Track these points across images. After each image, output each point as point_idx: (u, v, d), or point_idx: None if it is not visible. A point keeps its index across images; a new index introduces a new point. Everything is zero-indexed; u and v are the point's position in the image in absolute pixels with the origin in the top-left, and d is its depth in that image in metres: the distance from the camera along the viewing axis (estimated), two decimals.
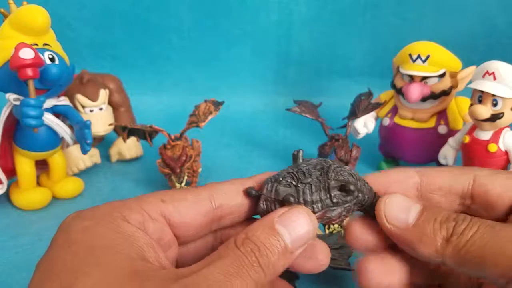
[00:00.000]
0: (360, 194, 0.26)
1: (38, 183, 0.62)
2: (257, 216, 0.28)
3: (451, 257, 0.24)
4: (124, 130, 0.61)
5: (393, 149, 0.66)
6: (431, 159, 0.65)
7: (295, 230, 0.24)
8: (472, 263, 0.23)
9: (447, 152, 0.60)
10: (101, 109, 0.68)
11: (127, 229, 0.23)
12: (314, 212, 0.26)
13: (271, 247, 0.23)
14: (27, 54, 0.49)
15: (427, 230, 0.24)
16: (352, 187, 0.25)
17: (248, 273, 0.22)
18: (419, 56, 0.60)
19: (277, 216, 0.24)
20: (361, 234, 0.28)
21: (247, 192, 0.28)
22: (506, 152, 0.55)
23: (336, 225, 0.49)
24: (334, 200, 0.26)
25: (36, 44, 0.54)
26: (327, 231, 0.50)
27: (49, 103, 0.57)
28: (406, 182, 0.29)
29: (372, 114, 0.67)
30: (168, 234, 0.26)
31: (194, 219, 0.26)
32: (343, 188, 0.26)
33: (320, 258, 0.27)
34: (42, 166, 0.62)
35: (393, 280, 0.28)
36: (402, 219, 0.25)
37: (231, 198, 0.27)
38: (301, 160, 0.28)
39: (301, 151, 0.28)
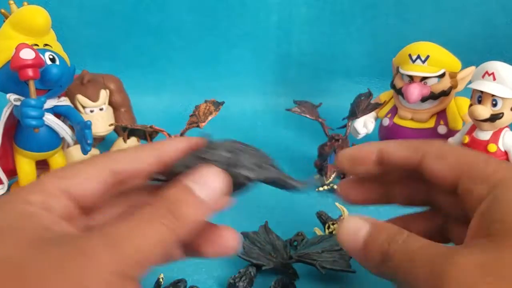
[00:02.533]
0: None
1: None
2: None
3: (388, 272, 0.26)
4: (125, 130, 0.61)
5: None
6: None
7: (205, 182, 0.26)
8: (399, 281, 0.26)
9: None
10: (101, 109, 0.69)
11: (28, 209, 0.24)
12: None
13: (182, 199, 0.24)
14: (27, 54, 0.50)
15: (371, 251, 0.27)
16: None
17: (161, 222, 0.23)
18: (418, 57, 0.60)
19: (186, 176, 0.26)
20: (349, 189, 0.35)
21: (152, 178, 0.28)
22: (506, 152, 0.55)
23: (336, 226, 0.49)
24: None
25: (36, 45, 0.54)
26: (327, 231, 0.50)
27: (50, 103, 0.57)
28: (367, 158, 0.32)
29: (372, 114, 0.67)
30: (71, 207, 0.26)
31: (94, 190, 0.26)
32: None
33: (226, 241, 0.29)
34: (42, 166, 0.62)
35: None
36: (353, 240, 0.28)
37: (130, 165, 0.28)
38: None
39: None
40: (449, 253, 0.24)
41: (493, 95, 0.52)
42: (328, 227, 0.50)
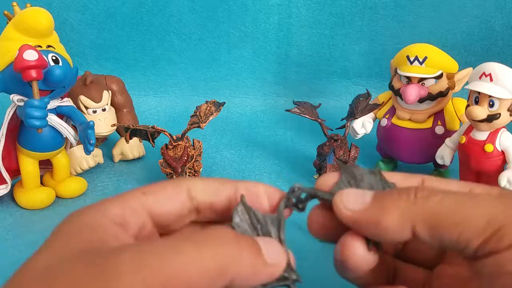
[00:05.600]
0: None
1: (42, 183, 0.62)
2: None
3: (421, 218, 0.23)
4: (127, 131, 0.62)
5: (391, 149, 0.67)
6: (428, 159, 0.65)
7: (272, 247, 0.24)
8: (445, 224, 0.23)
9: (444, 152, 0.61)
10: (104, 110, 0.69)
11: (100, 221, 0.24)
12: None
13: (248, 249, 0.23)
14: (31, 55, 0.50)
15: (388, 200, 0.24)
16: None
17: (211, 255, 0.22)
18: (416, 58, 0.61)
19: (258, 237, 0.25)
20: (321, 220, 0.27)
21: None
22: (503, 152, 0.55)
23: None
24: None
25: (40, 46, 0.55)
26: None
27: (53, 104, 0.57)
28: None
29: (370, 115, 0.68)
30: (148, 224, 0.26)
31: (172, 209, 0.27)
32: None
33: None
34: (45, 166, 0.63)
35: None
36: (358, 202, 0.25)
37: (207, 194, 0.27)
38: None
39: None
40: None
41: (490, 96, 0.52)
42: None
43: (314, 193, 0.27)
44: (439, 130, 0.63)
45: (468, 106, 0.55)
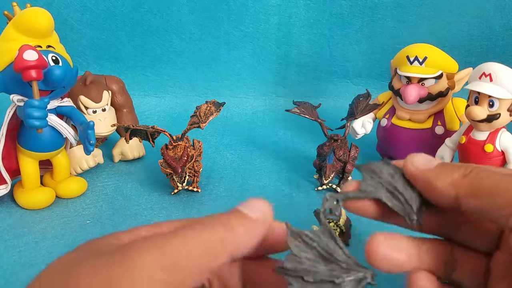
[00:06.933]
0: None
1: (42, 183, 0.62)
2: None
3: (466, 188, 0.27)
4: (127, 131, 0.62)
5: (391, 149, 0.67)
6: None
7: (254, 206, 0.27)
8: (483, 194, 0.26)
9: (444, 153, 0.61)
10: (104, 110, 0.69)
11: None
12: None
13: (234, 217, 0.25)
14: (31, 56, 0.50)
15: (446, 169, 0.28)
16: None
17: (211, 235, 0.24)
18: (416, 58, 0.61)
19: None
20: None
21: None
22: (503, 152, 0.55)
23: (332, 224, 0.50)
24: None
25: (39, 46, 0.55)
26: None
27: (53, 104, 0.57)
28: None
29: (370, 115, 0.68)
30: None
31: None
32: None
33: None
34: (45, 166, 0.63)
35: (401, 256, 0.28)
36: (426, 164, 0.29)
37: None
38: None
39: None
40: None
41: (490, 96, 0.53)
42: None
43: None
44: (439, 130, 0.63)
45: (468, 106, 0.56)
